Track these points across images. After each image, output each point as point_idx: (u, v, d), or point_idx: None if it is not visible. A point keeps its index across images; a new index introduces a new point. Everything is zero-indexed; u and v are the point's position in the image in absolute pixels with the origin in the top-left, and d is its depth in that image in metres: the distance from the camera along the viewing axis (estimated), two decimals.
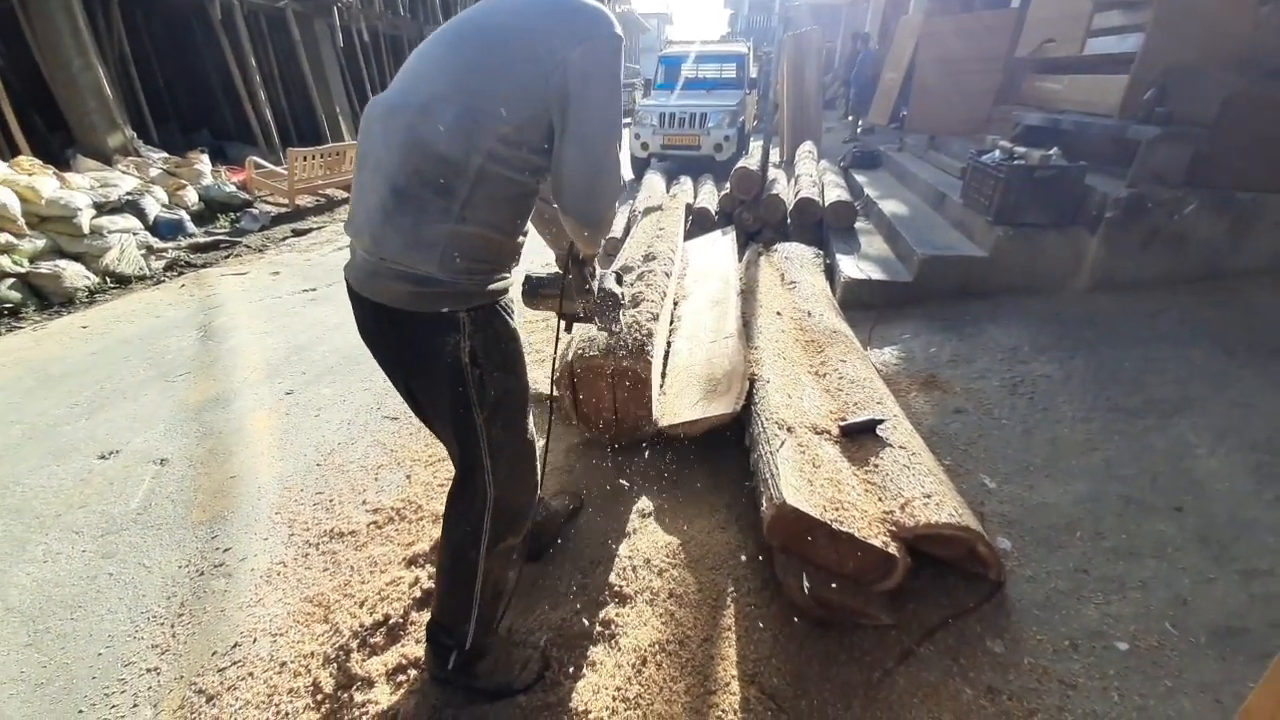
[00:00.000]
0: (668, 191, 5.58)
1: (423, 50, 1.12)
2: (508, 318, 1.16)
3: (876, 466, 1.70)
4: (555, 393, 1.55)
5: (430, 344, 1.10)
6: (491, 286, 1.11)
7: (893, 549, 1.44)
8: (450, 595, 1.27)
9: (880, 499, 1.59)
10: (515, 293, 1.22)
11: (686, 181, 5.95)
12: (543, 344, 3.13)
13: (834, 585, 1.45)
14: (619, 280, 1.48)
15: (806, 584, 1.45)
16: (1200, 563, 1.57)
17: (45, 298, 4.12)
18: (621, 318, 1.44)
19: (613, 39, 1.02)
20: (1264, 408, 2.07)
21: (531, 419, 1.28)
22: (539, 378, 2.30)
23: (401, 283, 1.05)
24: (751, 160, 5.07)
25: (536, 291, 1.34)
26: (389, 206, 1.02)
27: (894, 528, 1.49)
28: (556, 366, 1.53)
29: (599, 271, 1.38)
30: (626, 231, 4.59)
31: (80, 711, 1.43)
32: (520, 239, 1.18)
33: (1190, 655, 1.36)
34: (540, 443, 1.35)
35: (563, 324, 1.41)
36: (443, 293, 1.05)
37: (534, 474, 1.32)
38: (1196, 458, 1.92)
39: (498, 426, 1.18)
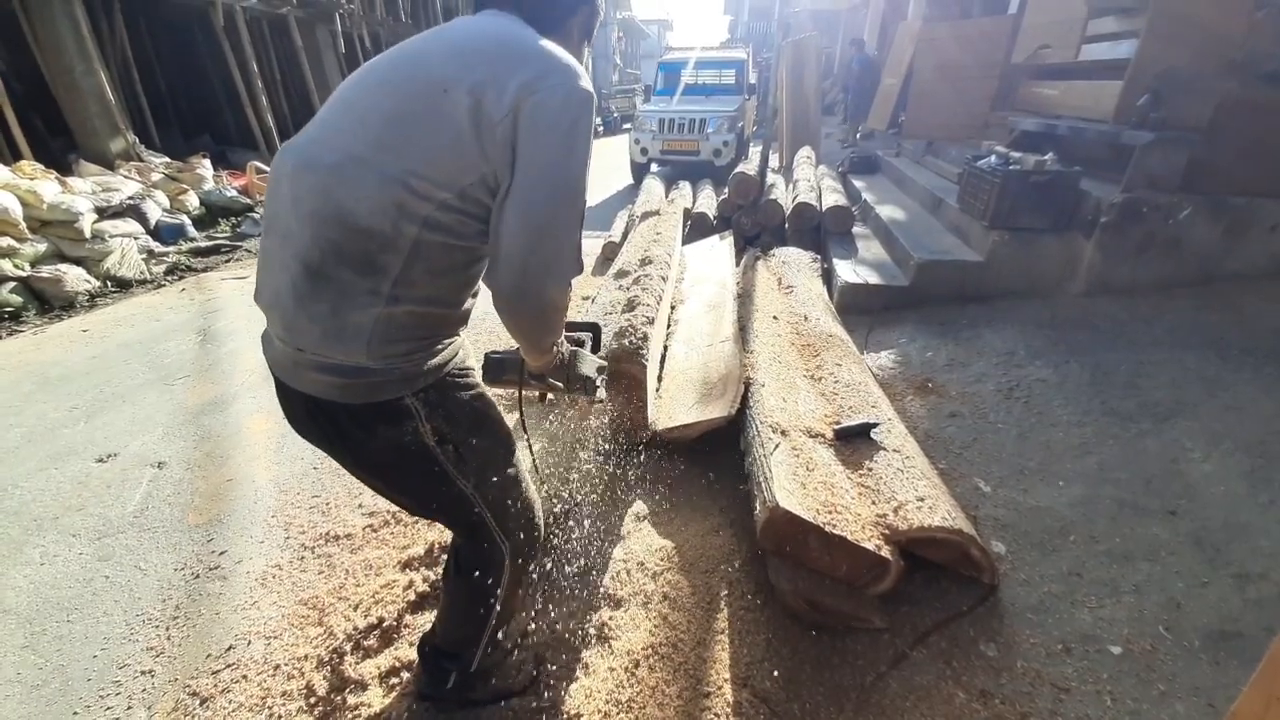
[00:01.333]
0: (666, 196, 5.60)
1: (345, 91, 0.93)
2: (465, 378, 1.02)
3: (870, 470, 1.70)
4: (529, 439, 1.36)
5: (381, 436, 0.94)
6: (437, 361, 0.95)
7: (886, 552, 1.44)
8: (460, 628, 1.22)
9: (874, 502, 1.59)
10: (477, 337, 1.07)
11: (685, 186, 5.97)
12: None
13: (827, 588, 1.46)
14: (596, 342, 1.32)
15: (799, 587, 1.46)
16: (1194, 566, 1.57)
17: (46, 301, 4.13)
18: (600, 387, 1.22)
19: (575, 92, 0.85)
20: (1258, 411, 2.08)
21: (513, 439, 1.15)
22: None
23: (327, 374, 0.89)
24: (750, 165, 5.10)
25: (497, 375, 1.18)
26: (301, 290, 0.85)
27: (887, 531, 1.49)
28: (525, 427, 1.34)
29: (569, 349, 1.16)
30: (624, 237, 4.61)
31: (75, 714, 1.43)
32: (470, 303, 1.02)
33: (1184, 659, 1.36)
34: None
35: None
36: (380, 382, 0.90)
37: (532, 494, 1.19)
38: (1191, 461, 1.92)
39: (490, 485, 1.07)
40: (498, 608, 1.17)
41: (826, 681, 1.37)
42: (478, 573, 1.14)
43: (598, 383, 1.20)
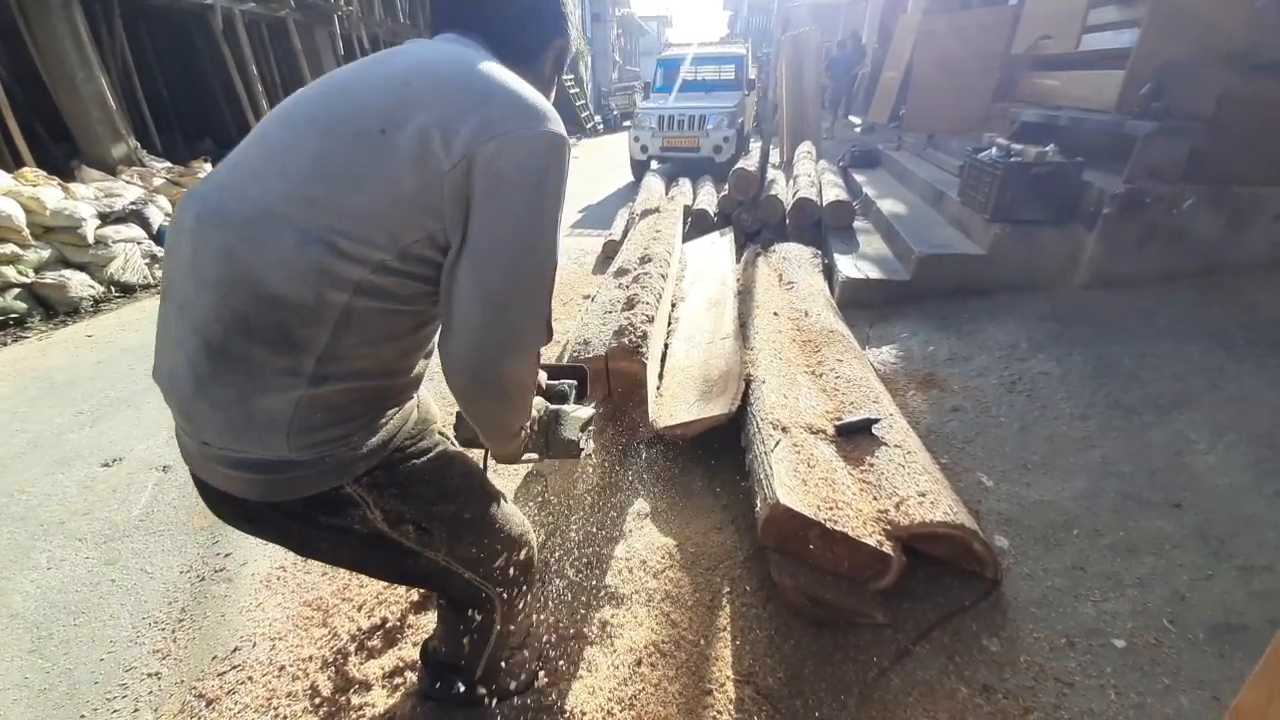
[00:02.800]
0: (667, 194, 5.60)
1: (266, 126, 0.78)
2: (418, 443, 0.87)
3: (872, 465, 1.70)
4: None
5: (324, 525, 0.82)
6: (380, 438, 0.80)
7: (887, 548, 1.44)
8: (460, 651, 1.13)
9: (875, 498, 1.59)
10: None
11: (685, 183, 5.96)
12: None
13: (829, 584, 1.46)
14: (582, 389, 1.19)
15: (801, 583, 1.46)
16: (1199, 559, 1.57)
17: (50, 307, 4.16)
18: (587, 444, 1.09)
19: (544, 138, 0.72)
20: (1263, 402, 2.06)
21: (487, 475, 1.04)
22: None
23: (240, 471, 0.75)
24: (750, 161, 5.09)
25: (466, 435, 1.06)
26: (200, 371, 0.71)
27: (889, 527, 1.49)
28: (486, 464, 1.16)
29: (552, 410, 1.04)
30: (624, 234, 4.61)
31: (82, 716, 1.44)
32: (421, 365, 0.87)
33: (1188, 652, 1.35)
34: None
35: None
36: (308, 475, 0.76)
37: (523, 536, 1.06)
38: (1195, 454, 1.91)
39: (465, 546, 0.94)
40: (495, 636, 1.11)
41: (829, 677, 1.37)
42: (470, 609, 1.06)
43: (582, 443, 1.05)
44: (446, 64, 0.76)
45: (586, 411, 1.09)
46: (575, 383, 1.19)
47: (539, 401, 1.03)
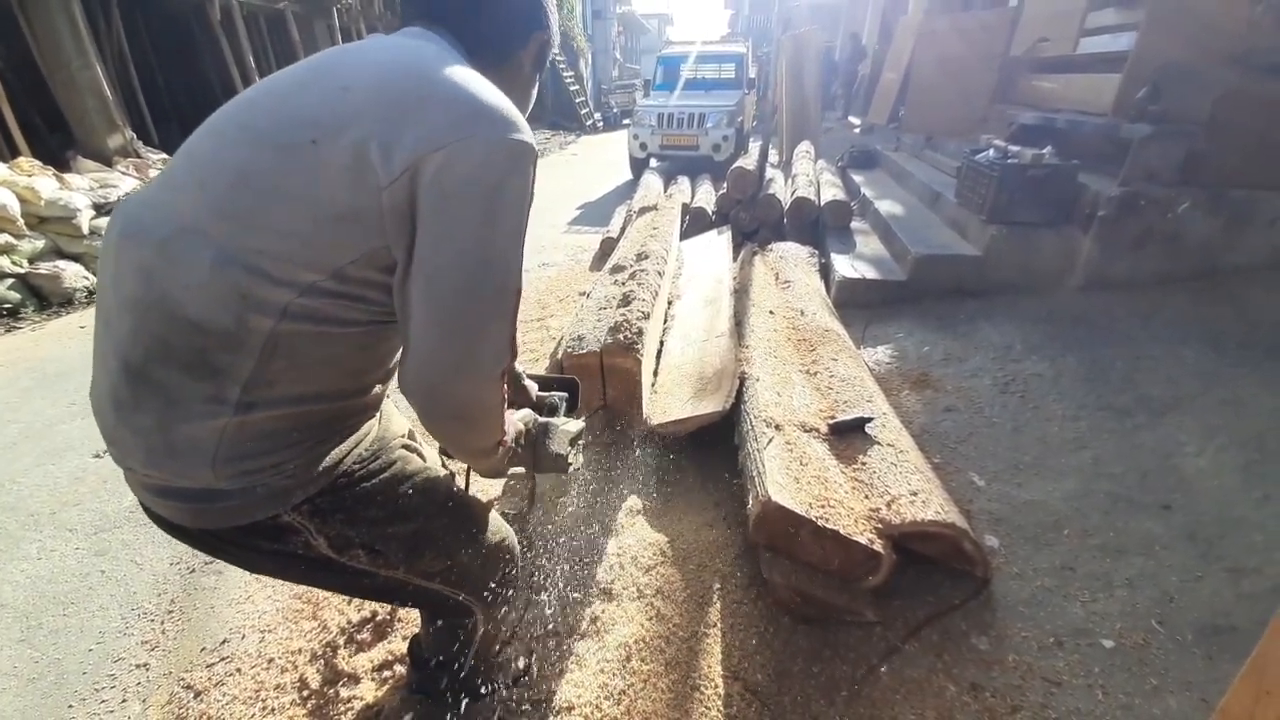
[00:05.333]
0: (665, 192, 5.59)
1: (197, 136, 0.72)
2: (369, 466, 0.80)
3: (864, 464, 1.70)
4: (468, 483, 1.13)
5: (265, 551, 0.78)
6: (324, 465, 0.74)
7: (878, 546, 1.44)
8: (443, 649, 1.13)
9: (867, 496, 1.59)
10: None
11: (684, 181, 5.96)
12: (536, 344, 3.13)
13: (819, 582, 1.46)
14: (574, 401, 1.15)
15: (792, 581, 1.46)
16: (1188, 561, 1.57)
17: (44, 298, 4.14)
18: (576, 458, 1.05)
19: (502, 146, 0.65)
20: (1254, 406, 2.07)
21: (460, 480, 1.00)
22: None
23: (167, 499, 0.72)
24: (748, 160, 5.08)
25: (449, 453, 1.01)
26: (120, 395, 0.68)
27: (880, 525, 1.49)
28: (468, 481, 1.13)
29: (541, 422, 1.02)
30: (622, 232, 4.60)
31: (70, 707, 1.44)
32: (376, 390, 0.81)
33: (1176, 653, 1.36)
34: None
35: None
36: (237, 506, 0.71)
37: (496, 539, 1.00)
38: (1186, 456, 1.92)
39: (428, 559, 0.88)
40: (477, 636, 1.11)
41: (818, 674, 1.37)
42: (447, 616, 1.06)
43: (570, 457, 1.02)
44: (393, 64, 0.69)
45: (576, 425, 1.05)
46: (566, 395, 1.16)
47: (527, 414, 1.00)
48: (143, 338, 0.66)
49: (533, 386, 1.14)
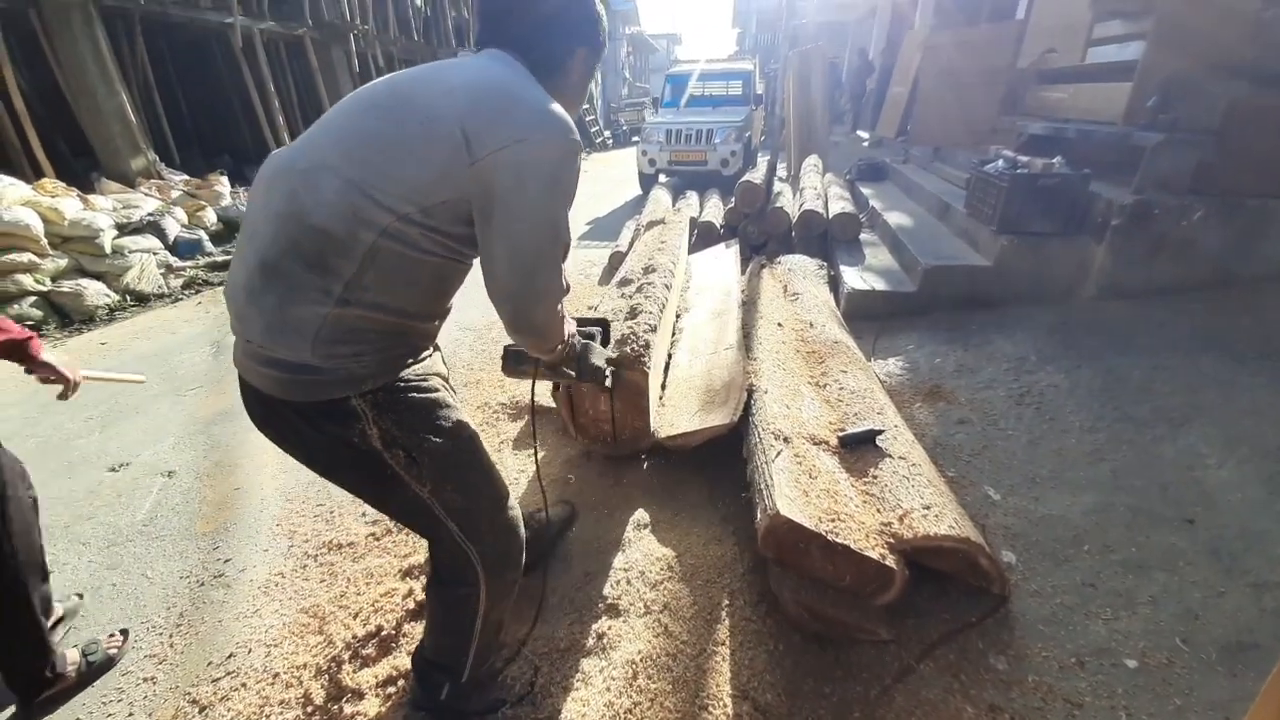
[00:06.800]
0: (673, 206, 5.62)
1: (331, 113, 1.00)
2: (422, 383, 1.03)
3: (875, 478, 1.67)
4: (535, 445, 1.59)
5: (328, 434, 0.97)
6: (390, 366, 0.98)
7: (890, 561, 1.41)
8: (445, 637, 1.22)
9: (878, 510, 1.56)
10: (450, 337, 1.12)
11: (692, 196, 5.99)
12: None
13: (830, 598, 1.43)
14: (605, 336, 1.47)
15: (802, 597, 1.43)
16: (1211, 576, 1.52)
17: (66, 315, 4.24)
18: (609, 376, 1.41)
19: (562, 144, 0.92)
20: (1276, 416, 2.02)
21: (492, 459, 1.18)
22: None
23: (271, 369, 0.93)
24: (756, 174, 5.11)
25: (515, 365, 1.29)
26: (254, 283, 0.90)
27: (892, 540, 1.46)
28: (535, 435, 1.55)
29: (583, 342, 1.31)
30: (631, 246, 4.62)
31: (78, 719, 1.44)
32: (435, 323, 1.07)
33: (1200, 672, 1.31)
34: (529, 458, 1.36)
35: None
36: (322, 381, 0.92)
37: (511, 512, 1.18)
38: (1207, 468, 1.87)
39: (449, 491, 1.05)
40: (479, 620, 1.16)
41: (829, 695, 1.33)
42: (454, 583, 1.14)
43: (606, 373, 1.37)
44: (492, 79, 0.95)
45: (608, 353, 1.44)
46: (601, 330, 1.50)
47: (575, 327, 1.28)
48: (280, 239, 0.89)
49: (573, 324, 1.34)
